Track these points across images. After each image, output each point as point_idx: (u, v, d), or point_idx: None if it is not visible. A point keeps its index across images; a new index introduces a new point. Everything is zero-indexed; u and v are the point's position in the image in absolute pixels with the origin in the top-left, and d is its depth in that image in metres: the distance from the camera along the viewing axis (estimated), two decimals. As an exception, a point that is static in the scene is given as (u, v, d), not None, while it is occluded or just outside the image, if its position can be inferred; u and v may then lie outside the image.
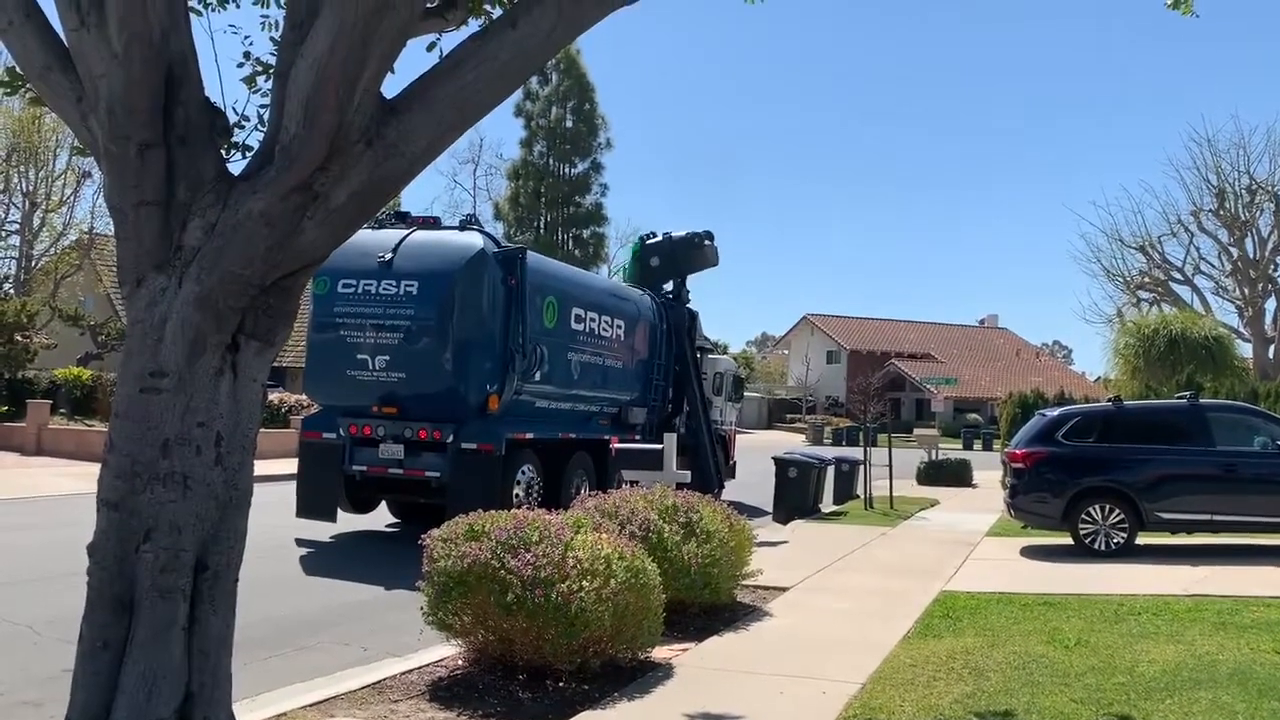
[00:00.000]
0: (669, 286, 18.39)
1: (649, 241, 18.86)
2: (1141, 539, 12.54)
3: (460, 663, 6.66)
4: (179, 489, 4.09)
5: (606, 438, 15.15)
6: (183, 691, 4.09)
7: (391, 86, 4.42)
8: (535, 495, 13.26)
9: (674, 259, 18.35)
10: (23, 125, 33.85)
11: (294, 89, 4.08)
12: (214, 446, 4.17)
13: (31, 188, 36.32)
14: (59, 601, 8.16)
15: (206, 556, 4.19)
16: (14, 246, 37.05)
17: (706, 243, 18.58)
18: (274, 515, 12.00)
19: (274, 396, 27.31)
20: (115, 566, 4.08)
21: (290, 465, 13.84)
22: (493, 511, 6.86)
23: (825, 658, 7.15)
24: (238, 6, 6.39)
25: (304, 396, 23.75)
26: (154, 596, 4.05)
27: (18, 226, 36.79)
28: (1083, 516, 12.37)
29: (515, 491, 12.95)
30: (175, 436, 4.10)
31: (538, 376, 13.56)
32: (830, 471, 18.24)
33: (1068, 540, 12.57)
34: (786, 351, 74.69)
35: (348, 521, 13.84)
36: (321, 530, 13.22)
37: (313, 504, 13.12)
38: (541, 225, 51.32)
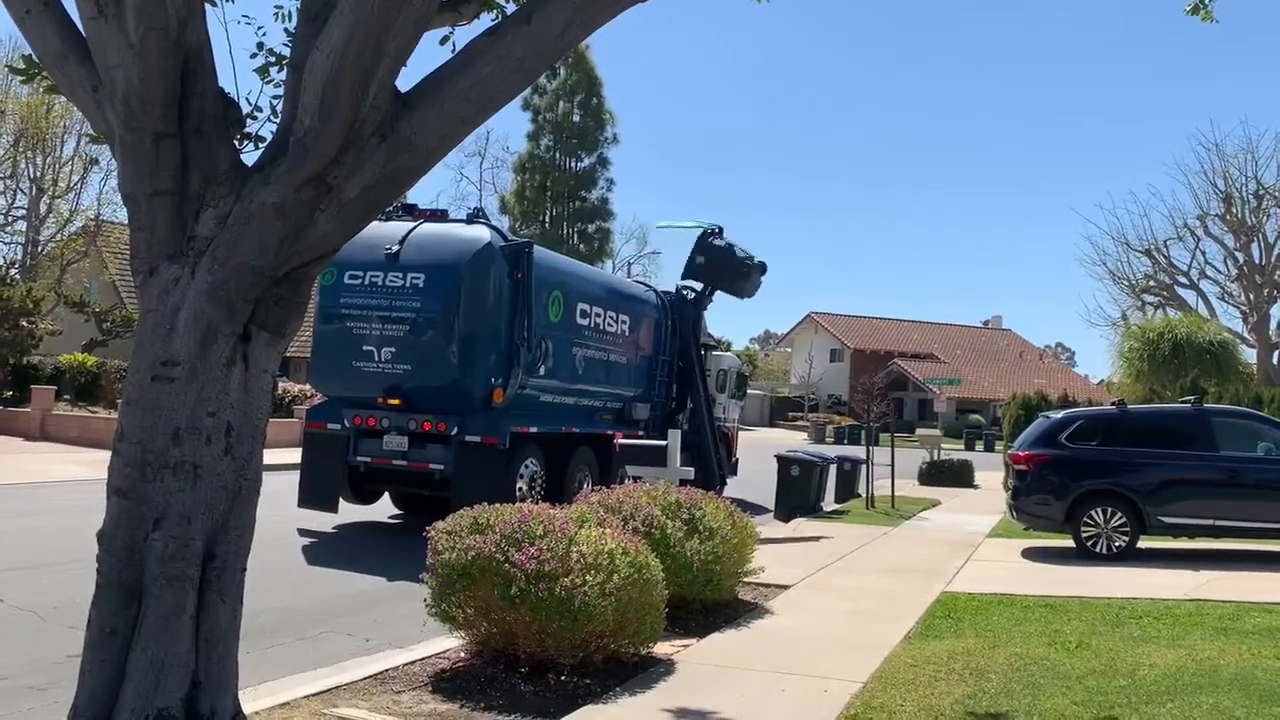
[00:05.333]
0: (698, 285, 18.34)
1: (710, 239, 18.49)
2: (1143, 543, 12.55)
3: (463, 655, 6.68)
4: (189, 478, 4.11)
5: (610, 433, 15.17)
6: (190, 679, 4.12)
7: (404, 81, 4.43)
8: (538, 489, 13.27)
9: (721, 271, 18.22)
10: (31, 111, 33.91)
11: (309, 81, 4.09)
12: (224, 436, 4.20)
13: (39, 174, 36.42)
14: (64, 587, 8.21)
15: (215, 546, 4.21)
16: (21, 232, 37.16)
17: (758, 275, 18.47)
18: (276, 505, 12.00)
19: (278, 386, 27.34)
20: (125, 554, 4.10)
21: (293, 455, 13.87)
22: (497, 505, 6.88)
23: (826, 656, 7.16)
24: (250, -4, 6.40)
25: (308, 386, 23.80)
26: (162, 584, 4.08)
27: (24, 212, 36.89)
28: (1085, 519, 12.37)
29: (518, 485, 12.96)
30: (186, 426, 4.12)
31: (542, 371, 13.58)
32: (832, 470, 18.26)
33: (1069, 543, 12.57)
34: (790, 349, 74.65)
35: (350, 512, 13.86)
36: (324, 521, 13.25)
37: (315, 494, 13.15)
38: (547, 219, 51.36)
